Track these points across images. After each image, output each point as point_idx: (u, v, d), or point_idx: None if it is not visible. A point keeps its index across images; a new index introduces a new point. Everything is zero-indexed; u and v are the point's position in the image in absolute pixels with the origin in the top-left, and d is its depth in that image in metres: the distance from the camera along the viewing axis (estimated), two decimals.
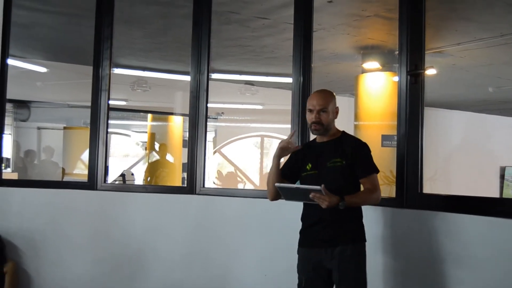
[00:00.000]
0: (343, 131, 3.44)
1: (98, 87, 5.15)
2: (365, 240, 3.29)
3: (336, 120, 3.40)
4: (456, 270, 3.35)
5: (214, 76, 5.21)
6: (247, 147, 12.87)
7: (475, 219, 3.29)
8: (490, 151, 10.01)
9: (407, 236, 3.65)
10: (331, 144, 3.34)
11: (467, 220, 3.33)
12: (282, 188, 3.19)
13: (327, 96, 3.34)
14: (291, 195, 3.25)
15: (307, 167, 3.37)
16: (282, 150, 3.38)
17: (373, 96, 6.76)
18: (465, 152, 10.46)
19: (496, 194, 10.77)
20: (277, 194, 3.39)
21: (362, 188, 3.30)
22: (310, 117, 3.32)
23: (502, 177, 10.96)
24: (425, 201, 3.66)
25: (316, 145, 3.42)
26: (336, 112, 3.36)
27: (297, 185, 3.31)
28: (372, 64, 6.83)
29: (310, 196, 3.02)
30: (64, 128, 11.03)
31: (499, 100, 9.21)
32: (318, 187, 2.98)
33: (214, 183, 10.51)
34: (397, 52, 3.97)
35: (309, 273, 3.35)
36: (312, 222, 3.35)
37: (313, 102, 3.31)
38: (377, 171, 3.27)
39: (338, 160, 3.25)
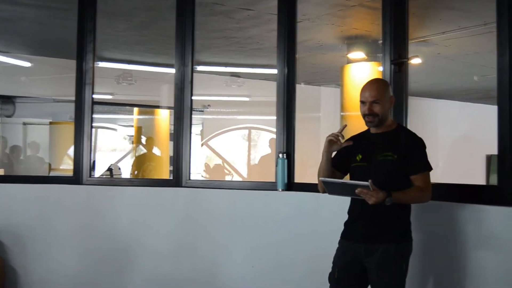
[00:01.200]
0: (399, 124, 3.32)
1: (82, 81, 5.11)
2: (411, 239, 3.15)
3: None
4: (432, 254, 3.39)
5: (199, 68, 5.20)
6: (235, 140, 12.85)
7: (455, 206, 3.32)
8: (476, 139, 10.06)
9: None
10: (384, 136, 3.18)
11: (446, 207, 3.36)
12: (327, 182, 3.04)
13: (380, 86, 3.20)
14: (336, 189, 3.08)
15: (357, 157, 3.22)
16: (330, 144, 3.21)
17: (359, 86, 6.74)
18: (451, 141, 10.53)
19: (482, 182, 10.87)
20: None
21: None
22: (363, 110, 3.17)
23: (488, 165, 11.08)
24: None
25: (369, 136, 3.25)
26: (391, 101, 3.20)
27: (343, 180, 3.17)
28: (357, 54, 6.83)
29: (356, 191, 2.90)
30: (50, 123, 10.97)
31: (484, 88, 9.24)
32: (365, 183, 2.86)
33: (201, 175, 10.50)
34: (381, 42, 3.98)
35: (344, 266, 3.20)
36: (356, 216, 3.20)
37: (365, 94, 3.17)
38: (430, 168, 3.10)
39: (389, 154, 3.09)
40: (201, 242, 4.65)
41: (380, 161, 3.11)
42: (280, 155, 4.39)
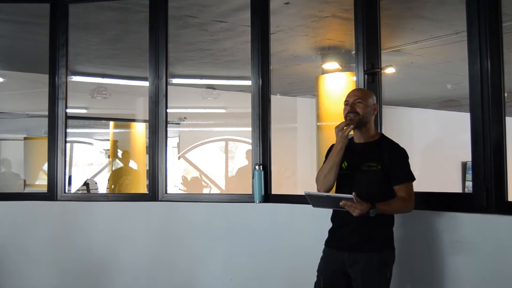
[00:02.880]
0: (382, 134, 3.35)
1: (55, 96, 5.05)
2: (394, 248, 3.19)
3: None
4: (409, 261, 3.42)
5: (174, 81, 5.17)
6: (212, 152, 12.81)
7: (430, 214, 3.36)
8: (451, 147, 10.16)
9: None
10: (368, 146, 3.21)
11: (421, 215, 3.39)
12: (311, 196, 3.06)
13: (364, 91, 3.34)
14: (320, 203, 3.10)
15: (343, 165, 3.22)
16: (343, 139, 3.13)
17: (334, 97, 6.79)
18: (426, 149, 10.61)
19: (458, 189, 10.97)
20: (329, 187, 3.23)
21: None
22: (345, 110, 3.20)
23: (463, 172, 11.19)
24: None
25: (353, 145, 3.26)
26: (374, 108, 3.23)
27: (327, 193, 3.16)
28: (331, 64, 6.86)
29: (341, 204, 2.92)
30: (25, 138, 10.83)
31: (457, 96, 9.34)
32: (349, 196, 2.89)
33: (179, 189, 10.43)
34: (354, 52, 4.00)
35: (330, 275, 3.22)
36: (339, 224, 3.23)
37: (349, 95, 3.23)
38: (413, 179, 3.13)
39: (373, 164, 3.13)
40: (178, 256, 4.61)
41: (364, 171, 3.14)
42: (257, 167, 4.38)
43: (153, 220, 4.74)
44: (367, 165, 3.14)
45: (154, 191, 4.77)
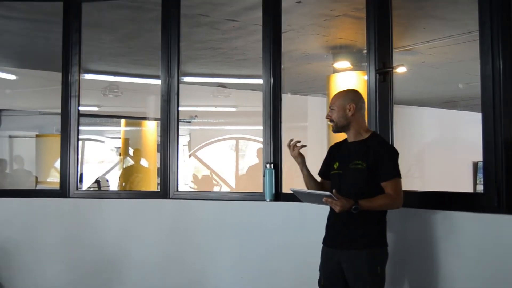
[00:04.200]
0: (373, 133, 3.39)
1: (68, 94, 5.09)
2: (385, 245, 3.24)
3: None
4: (428, 265, 3.38)
5: (185, 79, 5.20)
6: (223, 150, 12.82)
7: (449, 215, 3.33)
8: (463, 147, 10.12)
9: None
10: (357, 145, 3.29)
11: (440, 216, 3.37)
12: (297, 192, 3.24)
13: (337, 94, 3.38)
14: (307, 198, 3.31)
15: (335, 165, 3.36)
16: (295, 158, 3.42)
17: None
18: (438, 149, 10.58)
19: (469, 189, 10.92)
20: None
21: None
22: None
23: (475, 172, 11.14)
24: None
25: (345, 145, 3.40)
26: (349, 109, 3.27)
27: (308, 190, 3.34)
28: (342, 63, 6.86)
29: (323, 200, 3.01)
30: (37, 136, 10.89)
31: (469, 96, 9.30)
32: (328, 193, 2.99)
33: (190, 187, 10.46)
34: (365, 51, 4.00)
35: (328, 273, 3.31)
36: (332, 221, 3.33)
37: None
38: (399, 176, 3.17)
39: (359, 162, 3.20)
40: (189, 253, 4.63)
41: (351, 170, 3.23)
42: (268, 166, 4.39)
43: (164, 218, 4.77)
44: (354, 163, 3.23)
45: (165, 189, 4.80)
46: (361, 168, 3.18)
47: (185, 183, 9.93)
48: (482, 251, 3.13)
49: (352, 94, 3.36)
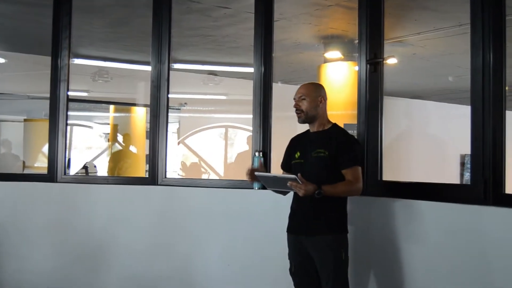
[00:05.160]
0: (335, 124, 3.51)
1: (57, 78, 5.07)
2: (346, 231, 3.36)
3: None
4: (413, 254, 3.43)
5: (176, 66, 5.17)
6: (212, 138, 12.82)
7: (433, 205, 3.37)
8: (451, 139, 10.17)
9: (368, 223, 3.70)
10: (319, 135, 3.43)
11: (424, 206, 3.41)
12: (262, 177, 3.33)
13: (308, 86, 3.49)
14: (271, 184, 3.36)
15: (296, 155, 3.49)
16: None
17: (335, 86, 6.79)
18: (426, 141, 10.62)
19: (457, 181, 10.99)
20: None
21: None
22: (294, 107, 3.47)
23: (462, 164, 11.21)
24: (385, 188, 3.72)
25: (307, 135, 3.54)
26: (321, 101, 3.44)
27: (274, 174, 3.43)
28: (334, 53, 6.85)
29: (288, 184, 3.11)
30: (25, 120, 10.82)
31: (459, 89, 9.33)
32: (293, 176, 3.08)
33: (178, 174, 10.45)
34: (357, 41, 4.00)
35: (297, 259, 3.45)
36: (295, 209, 3.46)
37: (295, 93, 3.48)
38: (359, 163, 3.34)
39: (322, 151, 3.34)
40: (177, 240, 4.64)
41: (314, 158, 3.37)
42: (257, 153, 4.39)
43: (152, 205, 4.77)
44: (316, 151, 3.36)
45: (154, 175, 4.79)
46: (323, 156, 3.32)
47: (173, 170, 9.92)
48: (468, 243, 3.16)
49: (322, 88, 3.55)
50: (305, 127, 3.58)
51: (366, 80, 3.85)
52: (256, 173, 3.35)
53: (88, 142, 15.15)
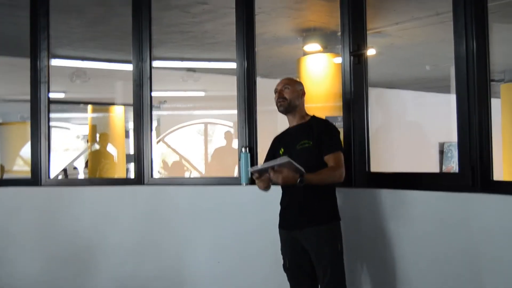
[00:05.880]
0: (313, 116, 3.56)
1: (37, 80, 5.00)
2: (339, 219, 3.39)
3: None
4: (403, 243, 3.46)
5: (155, 63, 5.13)
6: (191, 135, 12.78)
7: (422, 194, 3.40)
8: (429, 128, 10.26)
9: (357, 214, 3.72)
10: (300, 127, 3.48)
11: (414, 195, 3.43)
12: (257, 170, 3.24)
13: (291, 79, 3.58)
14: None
15: (280, 152, 3.51)
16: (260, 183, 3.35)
17: (315, 78, 6.81)
18: (405, 130, 10.70)
19: (436, 169, 11.10)
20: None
21: None
22: (275, 98, 3.51)
23: (441, 152, 11.32)
24: (373, 180, 3.74)
25: (288, 131, 3.58)
26: (302, 94, 3.54)
27: (266, 164, 3.26)
28: (313, 46, 6.85)
29: (268, 173, 3.10)
30: (0, 124, 10.69)
31: (436, 77, 9.41)
32: (286, 159, 3.04)
33: (159, 172, 10.39)
34: (339, 34, 4.01)
35: (291, 254, 3.44)
36: (286, 204, 3.47)
37: (277, 85, 3.53)
38: (341, 149, 3.36)
39: (305, 141, 3.38)
40: (165, 239, 4.61)
41: (298, 150, 3.40)
42: (243, 149, 4.38)
43: (140, 205, 4.73)
44: (301, 143, 3.40)
45: (140, 176, 4.76)
46: (308, 146, 3.36)
47: (156, 170, 9.85)
48: (457, 230, 3.19)
49: (301, 82, 3.66)
50: (284, 125, 3.60)
51: (350, 72, 3.86)
52: (249, 169, 3.39)
53: (65, 144, 15.00)
